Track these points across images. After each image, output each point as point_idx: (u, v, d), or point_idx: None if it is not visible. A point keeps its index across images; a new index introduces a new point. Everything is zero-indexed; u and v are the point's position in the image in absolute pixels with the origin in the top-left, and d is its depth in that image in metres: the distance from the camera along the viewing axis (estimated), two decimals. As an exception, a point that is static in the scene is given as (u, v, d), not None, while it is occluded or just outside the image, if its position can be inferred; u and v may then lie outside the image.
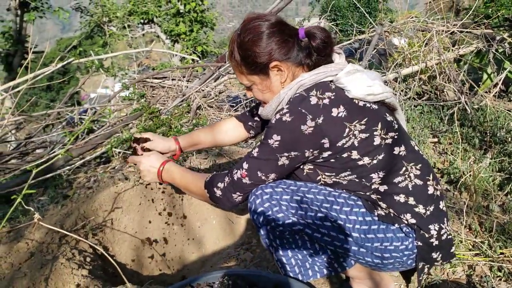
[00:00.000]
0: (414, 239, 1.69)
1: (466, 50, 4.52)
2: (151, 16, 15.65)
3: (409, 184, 1.68)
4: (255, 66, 1.68)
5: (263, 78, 1.72)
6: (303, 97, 1.60)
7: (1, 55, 11.97)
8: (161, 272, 2.66)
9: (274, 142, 1.58)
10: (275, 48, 1.65)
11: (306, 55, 1.69)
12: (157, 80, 5.94)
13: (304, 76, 1.66)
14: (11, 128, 4.93)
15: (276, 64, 1.66)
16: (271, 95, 1.75)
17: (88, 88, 25.77)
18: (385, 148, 1.64)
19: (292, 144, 1.58)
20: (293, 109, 1.57)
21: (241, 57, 1.70)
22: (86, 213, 2.73)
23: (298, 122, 1.55)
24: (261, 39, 1.65)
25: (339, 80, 1.63)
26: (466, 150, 3.38)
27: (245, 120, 2.33)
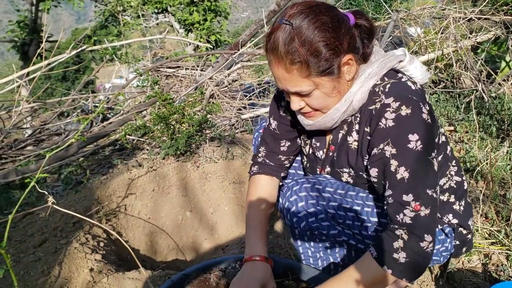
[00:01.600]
0: (453, 239, 1.63)
1: (484, 37, 4.43)
2: (165, 6, 15.65)
3: (451, 183, 1.58)
4: (329, 63, 1.29)
5: (334, 78, 1.33)
6: (403, 83, 1.35)
7: (17, 44, 12.08)
8: (174, 258, 2.67)
9: (416, 144, 1.26)
10: (348, 36, 1.32)
11: (361, 43, 1.39)
12: (170, 70, 5.95)
13: (371, 66, 1.39)
14: (26, 115, 4.98)
15: (349, 58, 1.33)
16: (338, 98, 1.39)
17: (103, 79, 25.93)
18: (443, 147, 1.50)
19: (431, 138, 1.30)
20: (404, 98, 1.29)
21: (309, 54, 1.27)
22: (100, 198, 2.75)
23: (419, 111, 1.27)
24: (332, 29, 1.28)
25: (405, 67, 1.44)
26: (482, 139, 3.32)
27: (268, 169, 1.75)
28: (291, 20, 1.28)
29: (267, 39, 1.34)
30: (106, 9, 15.93)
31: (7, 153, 3.97)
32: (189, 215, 2.79)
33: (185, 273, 1.66)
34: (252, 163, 1.79)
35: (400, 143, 1.27)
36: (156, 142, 3.57)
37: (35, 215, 2.66)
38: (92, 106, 5.41)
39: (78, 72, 36.18)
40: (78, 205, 2.68)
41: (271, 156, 1.73)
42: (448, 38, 4.38)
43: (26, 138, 4.52)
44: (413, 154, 1.26)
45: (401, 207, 1.28)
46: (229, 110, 4.69)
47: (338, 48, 1.29)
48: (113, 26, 17.04)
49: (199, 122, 3.43)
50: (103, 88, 18.08)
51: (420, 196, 1.26)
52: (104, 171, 3.40)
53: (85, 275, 2.06)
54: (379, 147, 1.32)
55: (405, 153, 1.26)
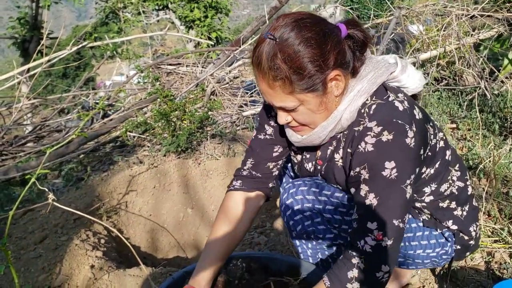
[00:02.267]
0: (454, 243, 1.61)
1: (486, 34, 4.41)
2: (166, 2, 15.60)
3: (453, 189, 1.53)
4: (312, 80, 1.24)
5: (319, 94, 1.28)
6: (389, 104, 1.30)
7: (18, 41, 12.05)
8: (175, 255, 2.66)
9: (391, 172, 1.23)
10: (335, 52, 1.25)
11: (353, 56, 1.32)
12: (171, 67, 5.93)
13: (361, 83, 1.33)
14: (26, 112, 4.96)
15: (337, 74, 1.27)
16: (325, 114, 1.34)
17: (103, 76, 25.91)
18: (440, 153, 1.46)
19: (409, 165, 1.26)
20: (387, 123, 1.25)
21: (293, 71, 1.22)
22: (100, 195, 2.74)
23: (401, 137, 1.23)
24: (317, 44, 1.23)
25: (397, 77, 1.39)
26: (485, 136, 3.31)
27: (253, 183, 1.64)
28: (276, 34, 1.23)
29: (253, 53, 1.29)
30: (106, 5, 15.90)
31: (7, 150, 3.96)
32: (190, 212, 2.78)
33: (186, 271, 1.65)
34: (234, 178, 1.66)
35: (374, 170, 1.24)
36: (157, 139, 3.56)
37: (36, 212, 2.65)
38: (93, 102, 5.40)
39: (78, 69, 36.16)
40: (78, 202, 2.67)
41: (259, 166, 1.63)
42: (450, 35, 4.36)
43: (26, 135, 4.51)
44: (385, 182, 1.23)
45: (363, 233, 1.25)
46: (230, 107, 4.68)
47: (323, 65, 1.23)
48: (114, 23, 17.01)
49: (200, 119, 3.42)
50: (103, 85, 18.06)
51: (385, 225, 1.24)
52: (105, 168, 3.39)
53: (86, 272, 2.06)
54: (355, 170, 1.30)
55: (377, 180, 1.24)
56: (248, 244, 2.41)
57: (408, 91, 1.41)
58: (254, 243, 2.40)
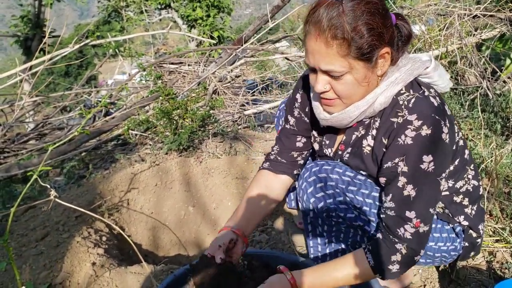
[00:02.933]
0: (463, 240, 1.62)
1: (489, 34, 4.40)
2: (168, 1, 15.63)
3: (468, 186, 1.56)
4: (369, 47, 1.26)
5: (369, 66, 1.30)
6: (426, 99, 1.33)
7: (20, 39, 12.09)
8: (176, 253, 2.66)
9: (429, 165, 1.29)
10: (391, 29, 1.31)
11: (396, 45, 1.37)
12: (173, 66, 5.93)
13: (399, 71, 1.37)
14: (28, 110, 4.97)
15: (387, 52, 1.30)
16: (364, 90, 1.35)
17: (105, 75, 25.93)
18: (460, 151, 1.49)
19: (445, 159, 1.33)
20: (426, 117, 1.28)
21: (354, 34, 1.23)
22: (102, 193, 2.74)
23: (438, 132, 1.28)
24: (380, 16, 1.26)
25: (430, 74, 1.42)
26: (487, 136, 3.30)
27: (279, 167, 1.72)
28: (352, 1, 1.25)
29: (311, 11, 1.29)
30: (109, 4, 15.93)
31: (9, 147, 3.96)
32: (191, 210, 2.78)
33: (188, 268, 1.65)
34: (264, 160, 1.78)
35: (413, 162, 1.29)
36: (159, 137, 3.56)
37: (37, 209, 2.65)
38: (95, 101, 5.40)
39: (80, 68, 36.23)
40: (80, 199, 2.68)
41: (284, 153, 1.70)
42: (452, 35, 4.35)
43: (28, 132, 4.52)
44: (423, 175, 1.29)
45: (402, 222, 1.33)
46: (232, 105, 4.68)
47: (382, 36, 1.27)
48: (116, 21, 17.05)
49: (202, 118, 3.42)
50: (105, 84, 18.08)
51: (422, 214, 1.32)
52: (107, 166, 3.39)
53: (87, 269, 2.06)
54: (393, 161, 1.33)
55: (416, 173, 1.29)
56: (249, 242, 2.42)
57: (438, 89, 1.44)
58: (256, 241, 2.40)
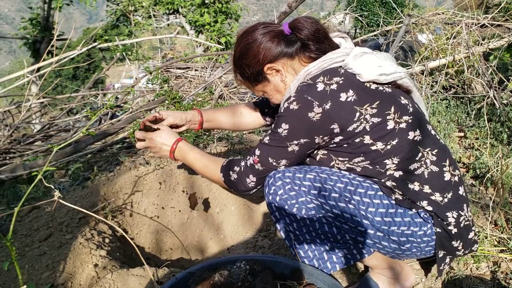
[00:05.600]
0: (433, 225, 1.64)
1: (496, 44, 4.38)
2: (176, 6, 15.71)
3: (425, 171, 1.62)
4: (252, 76, 1.75)
5: (265, 84, 1.77)
6: (310, 84, 1.59)
7: (29, 42, 12.18)
8: (179, 257, 2.66)
9: (283, 131, 1.59)
10: (262, 52, 1.68)
11: (300, 47, 1.69)
12: (180, 70, 5.95)
13: (310, 65, 1.64)
14: (35, 111, 5.00)
15: (269, 66, 1.70)
16: (280, 94, 1.78)
17: (112, 78, 26.08)
18: (399, 132, 1.60)
19: (300, 132, 1.58)
20: (300, 97, 1.57)
21: (240, 74, 1.80)
22: (106, 195, 2.75)
23: (305, 110, 1.55)
24: (247, 49, 1.71)
25: (348, 65, 1.61)
26: (493, 146, 3.29)
27: (261, 107, 2.32)
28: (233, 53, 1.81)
29: None
30: (117, 8, 16.03)
31: (15, 148, 3.98)
32: (195, 214, 2.78)
33: (190, 271, 1.65)
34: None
35: (276, 124, 1.62)
36: (164, 140, 3.55)
37: (41, 210, 2.66)
38: (102, 103, 5.42)
39: (88, 71, 36.47)
40: (84, 200, 2.68)
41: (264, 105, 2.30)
42: (459, 44, 4.34)
43: (34, 133, 4.54)
44: (276, 134, 1.61)
45: (252, 154, 1.71)
46: (238, 111, 4.67)
47: (255, 64, 1.71)
48: (124, 26, 17.15)
49: (208, 122, 3.41)
50: (112, 87, 18.15)
51: (262, 155, 1.67)
52: (112, 168, 3.40)
53: (90, 271, 2.06)
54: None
55: (274, 131, 1.63)
56: (252, 247, 2.41)
57: (361, 77, 1.60)
58: (258, 246, 2.40)
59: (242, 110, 2.35)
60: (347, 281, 2.04)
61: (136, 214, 2.74)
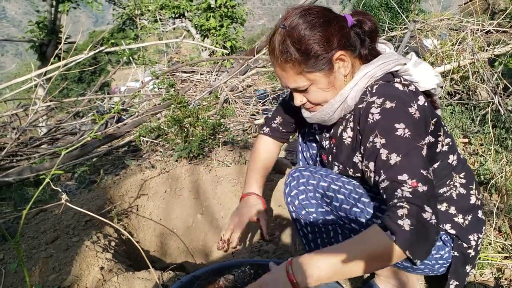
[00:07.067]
0: (451, 249, 1.61)
1: (501, 50, 4.38)
2: (182, 11, 15.78)
3: (453, 193, 1.57)
4: (319, 60, 1.40)
5: (327, 73, 1.43)
6: (387, 84, 1.41)
7: (36, 45, 12.27)
8: (183, 260, 2.67)
9: (404, 132, 1.30)
10: (338, 35, 1.41)
11: (361, 43, 1.49)
12: (186, 74, 5.99)
13: (369, 67, 1.46)
14: (42, 114, 5.04)
15: (341, 54, 1.42)
16: (333, 93, 1.48)
17: (118, 82, 26.16)
18: (441, 155, 1.51)
19: (418, 127, 1.33)
20: (387, 95, 1.36)
21: (301, 53, 1.39)
22: (112, 198, 2.77)
23: (403, 106, 1.33)
24: (321, 28, 1.39)
25: (408, 71, 1.47)
26: (497, 152, 3.29)
27: (278, 135, 2.01)
28: (286, 23, 1.42)
29: (268, 42, 1.50)
30: (124, 12, 16.12)
31: (22, 151, 4.02)
32: (200, 218, 2.79)
33: (195, 275, 1.67)
34: (265, 124, 2.01)
35: (388, 132, 1.31)
36: (169, 144, 3.59)
37: (48, 213, 2.68)
38: (108, 107, 5.46)
39: (94, 75, 36.64)
40: (90, 204, 2.70)
41: (286, 125, 1.97)
42: (465, 50, 4.34)
43: (41, 136, 4.58)
44: (402, 141, 1.29)
45: (398, 185, 1.25)
46: (243, 115, 4.71)
47: (327, 46, 1.40)
48: (131, 29, 17.24)
49: (213, 126, 3.44)
50: (118, 91, 18.22)
51: (416, 174, 1.25)
52: (118, 172, 3.42)
53: (96, 273, 2.08)
54: (369, 141, 1.36)
55: (394, 140, 1.30)
56: (256, 252, 2.42)
57: (420, 86, 1.47)
58: (263, 250, 2.41)
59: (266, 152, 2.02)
60: (351, 286, 2.04)
61: (142, 218, 2.76)
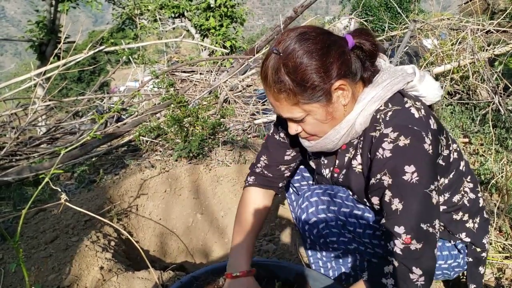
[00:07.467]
0: (466, 255, 1.59)
1: (502, 49, 4.38)
2: (182, 10, 15.74)
3: (464, 200, 1.53)
4: (316, 91, 1.27)
5: (325, 104, 1.30)
6: (403, 110, 1.30)
7: (35, 44, 12.26)
8: (183, 260, 2.67)
9: (412, 176, 1.22)
10: (338, 63, 1.27)
11: (362, 65, 1.36)
12: (185, 74, 5.98)
13: (376, 89, 1.34)
14: (41, 114, 5.03)
15: (341, 84, 1.28)
16: (332, 124, 1.36)
17: (118, 81, 26.14)
18: (454, 164, 1.46)
19: (429, 170, 1.25)
20: (403, 128, 1.25)
21: (296, 84, 1.25)
22: (112, 198, 2.76)
23: (418, 142, 1.24)
24: (319, 56, 1.25)
25: (415, 87, 1.39)
26: (498, 152, 3.28)
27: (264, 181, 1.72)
28: (280, 48, 1.27)
29: (261, 67, 1.34)
30: (123, 12, 16.09)
31: (21, 150, 4.01)
32: (199, 218, 2.79)
33: (195, 275, 1.66)
34: (249, 173, 1.75)
35: (395, 174, 1.24)
36: (169, 144, 3.58)
37: (48, 212, 2.68)
38: (107, 106, 5.46)
39: (93, 74, 36.63)
40: (90, 203, 2.70)
41: (271, 167, 1.69)
42: (465, 50, 4.34)
43: (40, 136, 4.57)
44: (408, 186, 1.22)
45: (392, 236, 1.25)
46: (242, 114, 4.70)
47: (325, 75, 1.25)
48: (130, 29, 17.20)
49: (213, 126, 3.44)
50: (118, 90, 18.21)
51: (412, 229, 1.22)
52: (117, 171, 3.41)
53: (95, 273, 2.07)
54: (376, 177, 1.30)
55: (399, 185, 1.23)
56: (256, 252, 2.41)
57: (426, 101, 1.41)
58: (263, 250, 2.40)
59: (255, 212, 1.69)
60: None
61: (141, 217, 2.75)
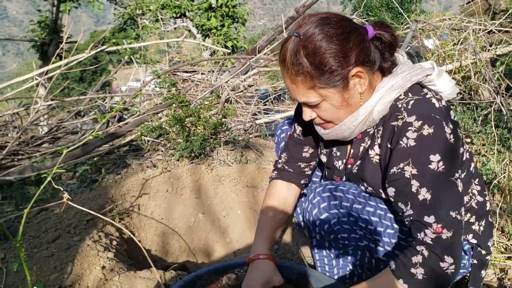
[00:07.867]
0: (471, 257, 1.58)
1: (503, 50, 4.38)
2: (184, 10, 15.74)
3: (472, 202, 1.53)
4: (334, 75, 1.27)
5: (341, 90, 1.30)
6: (424, 100, 1.30)
7: (37, 44, 12.27)
8: (185, 260, 2.67)
9: (438, 165, 1.23)
10: (357, 49, 1.27)
11: (380, 56, 1.36)
12: (187, 74, 5.98)
13: (395, 78, 1.35)
14: (43, 113, 5.04)
15: (359, 71, 1.29)
16: (347, 111, 1.36)
17: (119, 81, 26.15)
18: (466, 164, 1.45)
19: (453, 158, 1.25)
20: (425, 117, 1.25)
21: (314, 66, 1.26)
22: (114, 197, 2.77)
23: (441, 131, 1.23)
24: (339, 41, 1.26)
25: (433, 81, 1.40)
26: (500, 152, 3.28)
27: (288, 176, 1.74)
28: (300, 31, 1.28)
29: (279, 50, 1.35)
30: (125, 12, 16.11)
31: (23, 150, 4.01)
32: (201, 218, 2.79)
33: (197, 274, 1.66)
34: (273, 169, 1.79)
35: (421, 164, 1.23)
36: (171, 143, 3.58)
37: (50, 212, 2.68)
38: (109, 106, 5.46)
39: (95, 74, 36.66)
40: (92, 203, 2.70)
41: (291, 163, 1.72)
42: (466, 50, 4.34)
43: (42, 136, 4.57)
44: (435, 175, 1.22)
45: (422, 226, 1.25)
46: (244, 114, 4.70)
47: (344, 61, 1.26)
48: (132, 29, 17.22)
49: (214, 126, 3.44)
50: (119, 90, 18.21)
51: (442, 218, 1.23)
52: (119, 171, 3.42)
53: (97, 273, 2.07)
54: (398, 166, 1.28)
55: (426, 174, 1.23)
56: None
57: (443, 96, 1.41)
58: (265, 250, 2.40)
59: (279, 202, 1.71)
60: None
61: (143, 217, 2.75)
